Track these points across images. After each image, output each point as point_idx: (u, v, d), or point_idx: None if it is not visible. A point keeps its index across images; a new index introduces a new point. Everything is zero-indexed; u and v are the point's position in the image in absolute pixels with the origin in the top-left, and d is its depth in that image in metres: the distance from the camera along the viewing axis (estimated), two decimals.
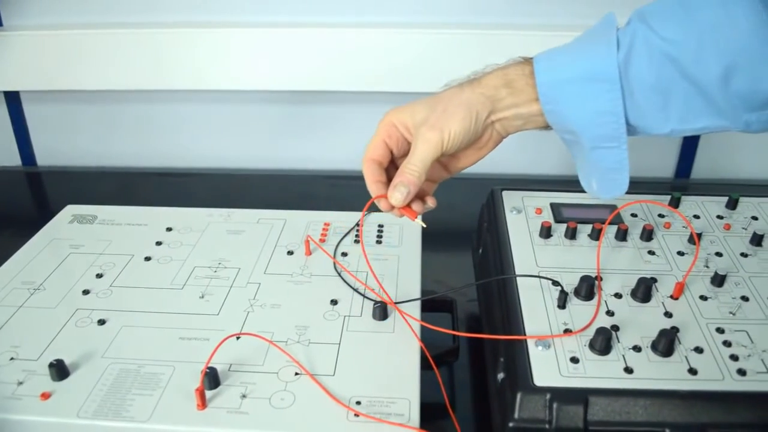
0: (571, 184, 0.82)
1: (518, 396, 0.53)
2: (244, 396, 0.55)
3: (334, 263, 0.72)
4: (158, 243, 0.76)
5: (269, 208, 0.83)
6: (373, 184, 0.64)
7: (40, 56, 1.06)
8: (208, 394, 0.55)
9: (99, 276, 0.70)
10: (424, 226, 0.66)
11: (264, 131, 1.17)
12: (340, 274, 0.70)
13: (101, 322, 0.64)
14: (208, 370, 0.55)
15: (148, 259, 0.73)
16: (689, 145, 1.17)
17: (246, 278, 0.70)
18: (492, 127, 0.63)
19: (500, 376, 0.57)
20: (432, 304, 0.70)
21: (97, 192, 1.09)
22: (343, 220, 0.80)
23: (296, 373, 0.58)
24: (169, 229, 0.78)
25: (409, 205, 0.63)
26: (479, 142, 0.64)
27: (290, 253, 0.74)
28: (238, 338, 0.61)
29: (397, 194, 0.61)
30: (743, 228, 0.73)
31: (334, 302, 0.66)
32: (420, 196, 0.64)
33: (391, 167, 0.65)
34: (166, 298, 0.67)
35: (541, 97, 0.59)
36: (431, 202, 0.65)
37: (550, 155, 1.18)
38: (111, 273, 0.71)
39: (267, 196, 1.05)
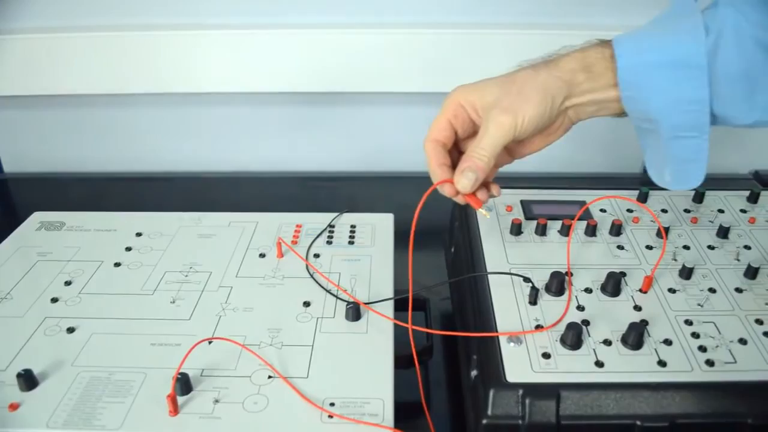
0: (541, 181, 0.83)
1: (491, 393, 0.53)
2: (216, 401, 0.55)
3: (306, 265, 0.71)
4: (128, 249, 0.75)
5: (241, 211, 0.82)
6: (437, 168, 0.61)
7: (3, 61, 1.05)
8: (180, 400, 0.55)
9: (68, 283, 0.69)
10: (487, 216, 0.63)
11: (234, 134, 1.16)
12: (312, 276, 0.70)
13: (70, 330, 0.63)
14: (179, 376, 0.55)
15: (117, 265, 0.72)
16: None
17: (217, 282, 0.69)
18: (565, 114, 0.60)
19: (473, 373, 0.58)
20: (405, 304, 0.70)
21: (65, 198, 1.07)
22: (315, 221, 0.79)
23: (269, 377, 0.57)
24: (138, 235, 0.77)
25: (474, 193, 0.60)
26: (550, 128, 0.61)
27: (262, 255, 0.74)
28: (210, 343, 0.61)
29: (464, 180, 0.58)
30: (710, 221, 0.74)
31: (306, 304, 0.66)
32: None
33: (452, 150, 0.62)
34: (137, 304, 0.66)
35: (620, 82, 0.56)
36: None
37: None
38: (80, 280, 0.70)
39: (238, 199, 1.04)
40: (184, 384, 0.55)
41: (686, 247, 0.70)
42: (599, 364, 0.56)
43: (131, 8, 1.03)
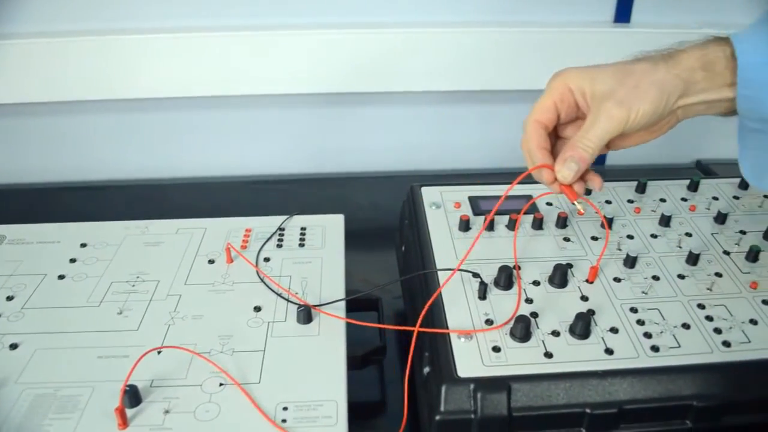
0: (488, 177, 0.84)
1: (443, 389, 0.54)
2: (167, 411, 0.54)
3: (258, 269, 0.71)
4: (72, 260, 0.73)
5: (189, 218, 0.81)
6: (537, 150, 0.59)
7: None
8: (129, 412, 0.54)
9: (9, 298, 0.67)
10: (582, 211, 0.61)
11: (178, 140, 1.14)
12: (262, 280, 0.69)
13: (13, 346, 0.61)
14: (127, 388, 0.54)
15: (61, 277, 0.70)
16: None
17: (166, 290, 0.68)
18: (674, 112, 0.58)
19: (426, 370, 0.58)
20: (358, 304, 0.70)
21: (5, 211, 1.04)
22: (264, 225, 0.79)
23: (221, 384, 0.57)
24: (83, 245, 0.75)
25: (571, 184, 0.59)
26: (656, 125, 0.59)
27: (211, 261, 0.73)
28: (159, 352, 0.60)
29: (566, 170, 0.57)
30: (652, 210, 0.76)
31: (257, 309, 0.65)
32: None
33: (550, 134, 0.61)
34: (83, 317, 0.65)
35: (739, 81, 0.54)
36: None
37: (467, 150, 1.19)
38: (23, 294, 0.68)
39: (186, 206, 1.03)
40: (132, 396, 0.54)
41: (630, 237, 0.71)
42: (548, 355, 0.57)
43: (69, 14, 1.01)
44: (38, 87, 1.03)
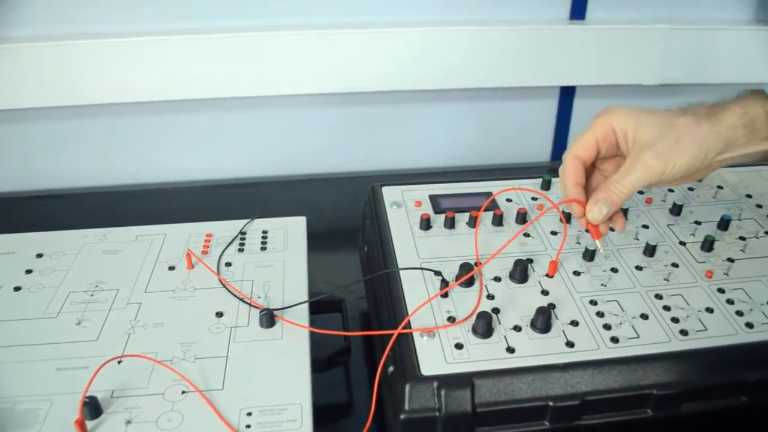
0: (448, 175, 0.85)
1: (407, 387, 0.54)
2: (128, 422, 0.53)
3: (218, 274, 0.70)
4: (28, 271, 0.71)
5: (148, 224, 0.80)
6: (572, 187, 0.60)
7: None
8: (90, 424, 0.53)
9: None
10: (602, 250, 0.63)
11: (137, 145, 1.12)
12: (224, 285, 0.68)
13: None
14: (87, 400, 0.53)
15: (17, 289, 0.69)
16: (562, 130, 1.22)
17: (125, 299, 0.67)
18: (711, 164, 0.59)
19: (390, 369, 0.58)
20: (321, 306, 0.70)
21: None
22: (225, 229, 0.78)
23: (183, 392, 0.56)
24: (39, 256, 0.74)
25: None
26: (693, 175, 0.61)
27: (171, 268, 0.72)
28: (119, 362, 0.59)
29: (596, 212, 0.59)
30: None
31: (219, 314, 0.65)
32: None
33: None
34: (40, 329, 0.63)
35: None
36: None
37: (427, 148, 1.20)
38: None
39: (145, 212, 1.01)
40: (92, 407, 0.53)
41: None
42: (510, 350, 0.57)
43: (19, 19, 0.99)
44: None
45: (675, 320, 0.61)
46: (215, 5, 1.01)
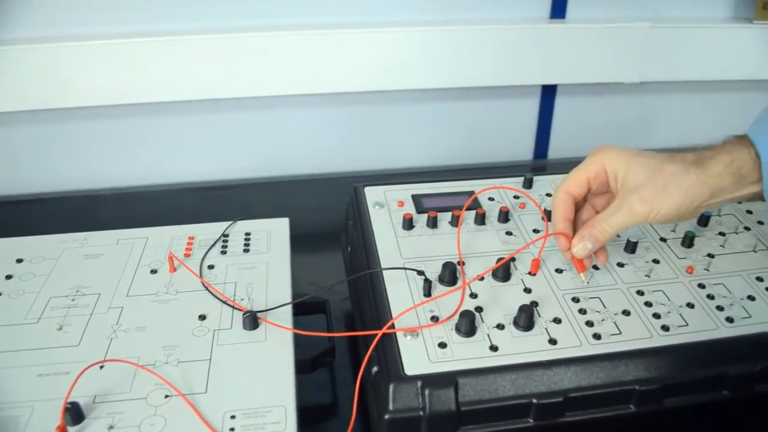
0: (431, 175, 0.85)
1: (391, 387, 0.54)
2: (111, 427, 0.53)
3: (200, 277, 0.70)
4: (8, 277, 0.71)
5: (129, 227, 0.79)
6: (561, 221, 0.63)
7: None
8: (72, 430, 0.52)
9: None
10: (587, 283, 0.64)
11: (117, 148, 1.11)
12: (207, 288, 0.68)
13: None
14: (68, 405, 0.52)
15: None
16: (544, 128, 1.23)
17: (107, 303, 0.67)
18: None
19: (374, 369, 0.58)
20: (305, 307, 0.70)
21: None
22: (208, 232, 0.77)
23: (166, 396, 0.56)
24: (19, 261, 0.73)
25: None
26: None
27: (154, 271, 0.71)
28: (101, 367, 0.59)
29: (581, 247, 0.61)
30: None
31: (202, 317, 0.65)
32: None
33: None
34: (20, 335, 0.63)
35: (764, 178, 0.57)
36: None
37: (410, 148, 1.20)
38: None
39: (127, 216, 1.01)
40: (74, 413, 0.53)
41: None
42: (493, 348, 0.57)
43: None
44: None
45: (656, 316, 0.61)
46: (195, 7, 1.01)
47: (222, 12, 1.02)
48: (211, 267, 0.72)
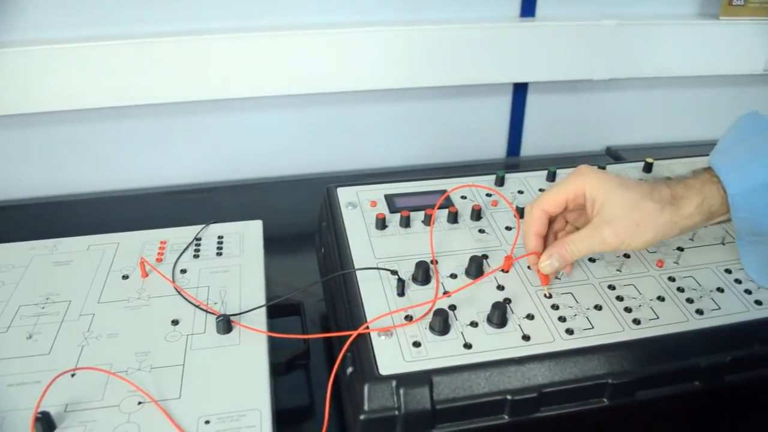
0: (403, 174, 0.85)
1: (365, 387, 0.54)
2: None
3: (172, 282, 0.69)
4: None
5: (100, 233, 0.78)
6: (533, 236, 0.63)
7: None
8: None
9: None
10: (549, 297, 0.64)
11: (86, 152, 1.10)
12: (179, 293, 0.68)
13: None
14: (39, 415, 0.52)
15: None
16: (516, 126, 1.24)
17: (78, 310, 0.66)
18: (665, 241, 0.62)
19: (349, 370, 0.58)
20: (280, 309, 0.70)
21: None
22: (180, 236, 0.77)
23: (139, 403, 0.55)
24: None
25: None
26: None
27: (125, 277, 0.70)
28: (73, 375, 0.58)
29: (548, 264, 0.62)
30: None
31: (175, 322, 0.64)
32: None
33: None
34: None
35: (734, 209, 0.59)
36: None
37: (383, 148, 1.20)
38: None
39: (98, 221, 0.99)
40: (45, 423, 0.52)
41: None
42: (467, 345, 0.57)
43: None
44: None
45: (628, 310, 0.62)
46: (163, 11, 1.00)
47: (190, 14, 1.01)
48: (183, 271, 0.71)
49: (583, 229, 0.62)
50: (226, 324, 0.62)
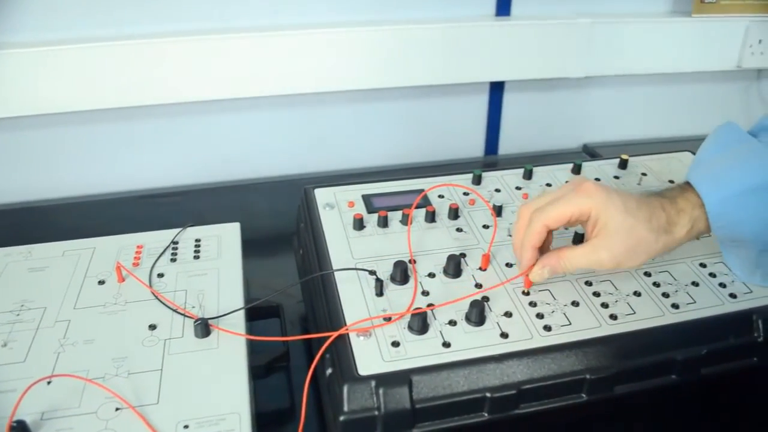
0: (381, 174, 0.85)
1: (345, 388, 0.54)
2: None
3: (149, 286, 0.68)
4: None
5: (75, 238, 0.77)
6: (530, 249, 0.62)
7: None
8: None
9: None
10: (527, 294, 0.64)
11: (60, 156, 1.08)
12: (156, 297, 0.67)
13: None
14: (14, 424, 0.51)
15: None
16: (493, 125, 1.24)
17: (54, 317, 0.65)
18: None
19: (328, 371, 0.58)
20: (259, 312, 0.70)
21: None
22: (156, 240, 0.76)
23: (117, 409, 0.55)
24: None
25: None
26: None
27: (101, 282, 0.70)
28: (49, 382, 0.57)
29: (539, 274, 0.62)
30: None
31: (152, 327, 0.63)
32: None
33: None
34: None
35: (713, 219, 0.61)
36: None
37: (360, 149, 1.20)
38: None
39: (73, 226, 0.98)
40: (21, 431, 0.51)
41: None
42: (446, 344, 0.58)
43: None
44: None
45: (605, 305, 0.62)
46: (139, 12, 0.99)
47: (166, 16, 1.01)
48: (160, 275, 0.71)
49: (580, 246, 0.62)
50: (204, 328, 0.62)
